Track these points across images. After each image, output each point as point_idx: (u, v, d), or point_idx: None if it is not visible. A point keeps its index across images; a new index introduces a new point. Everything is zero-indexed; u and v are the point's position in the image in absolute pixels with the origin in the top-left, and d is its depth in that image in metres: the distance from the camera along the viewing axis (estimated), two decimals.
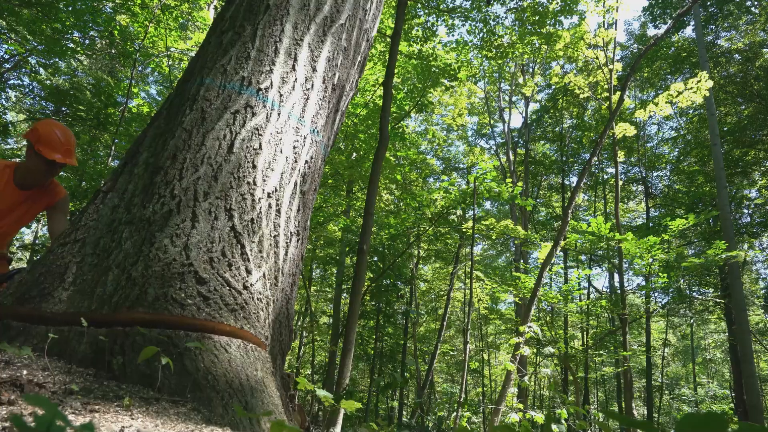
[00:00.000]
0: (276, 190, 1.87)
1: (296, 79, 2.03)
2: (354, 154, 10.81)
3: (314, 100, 2.09)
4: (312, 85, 2.09)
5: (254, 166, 1.80)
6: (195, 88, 1.96)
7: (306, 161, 2.06)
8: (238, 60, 1.99)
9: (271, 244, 1.80)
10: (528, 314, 6.19)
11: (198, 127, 1.82)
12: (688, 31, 17.75)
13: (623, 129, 10.43)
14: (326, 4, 2.24)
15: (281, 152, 1.91)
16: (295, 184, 1.98)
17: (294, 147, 1.98)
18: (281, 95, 1.98)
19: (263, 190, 1.81)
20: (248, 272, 1.66)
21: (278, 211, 1.88)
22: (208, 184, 1.71)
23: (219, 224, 1.65)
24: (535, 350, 12.44)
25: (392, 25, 8.98)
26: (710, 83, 9.05)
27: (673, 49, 16.49)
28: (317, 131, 2.12)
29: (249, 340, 1.62)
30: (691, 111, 17.05)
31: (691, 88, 9.05)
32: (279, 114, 1.94)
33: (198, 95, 1.92)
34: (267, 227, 1.80)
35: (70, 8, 7.62)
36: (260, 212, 1.77)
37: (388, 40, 8.93)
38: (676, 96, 9.29)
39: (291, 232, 1.96)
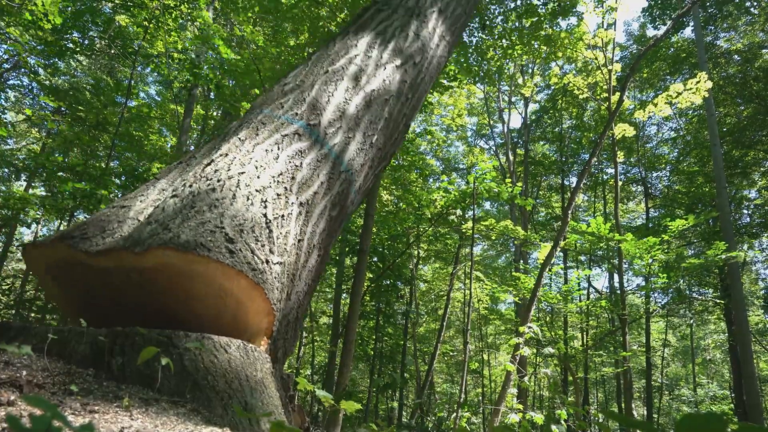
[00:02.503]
0: (308, 203, 2.09)
1: (341, 126, 2.35)
2: None
3: (353, 148, 2.40)
4: (353, 135, 2.41)
5: (293, 178, 2.04)
6: (254, 115, 2.28)
7: (338, 192, 2.29)
8: (295, 102, 2.33)
9: (294, 244, 1.93)
10: (528, 314, 6.18)
11: (251, 139, 2.10)
12: (688, 32, 17.78)
13: (623, 129, 10.42)
14: (376, 80, 2.64)
15: (318, 177, 2.16)
16: (325, 206, 2.20)
17: (330, 177, 2.23)
18: (326, 134, 2.27)
19: (297, 198, 2.02)
20: (271, 252, 1.79)
21: (306, 221, 2.07)
22: (250, 179, 1.91)
23: (253, 209, 1.82)
24: (535, 351, 12.44)
25: None
26: (709, 84, 9.05)
27: (672, 49, 16.51)
28: (352, 173, 2.37)
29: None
30: (690, 112, 17.07)
31: (690, 88, 9.05)
32: (321, 146, 2.22)
33: (255, 119, 2.23)
34: (294, 228, 1.96)
35: (69, 8, 7.61)
36: (291, 213, 1.96)
37: None
38: (675, 97, 9.29)
39: (314, 245, 2.12)
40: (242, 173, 1.91)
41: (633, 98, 18.79)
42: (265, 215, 1.83)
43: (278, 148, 2.06)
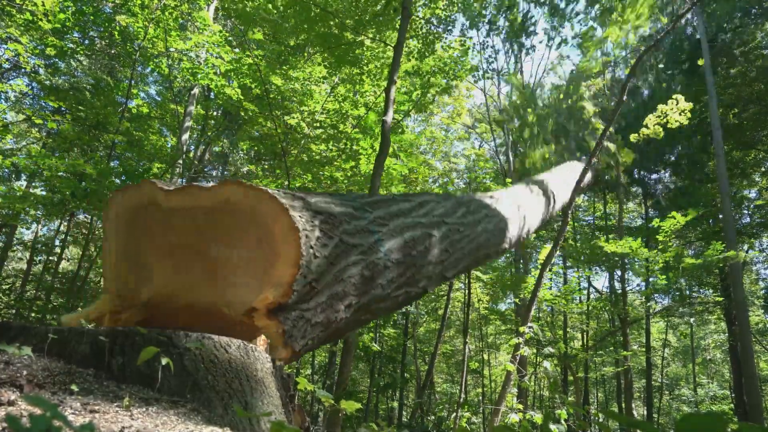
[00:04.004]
0: (346, 245, 2.40)
1: (386, 224, 2.96)
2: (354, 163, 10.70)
3: (393, 243, 2.91)
4: (395, 236, 2.95)
5: (340, 224, 2.45)
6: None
7: (374, 262, 2.68)
8: (358, 196, 3.01)
9: (326, 257, 2.19)
10: (528, 314, 6.17)
11: (309, 196, 2.66)
12: (689, 31, 17.73)
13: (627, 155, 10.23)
14: (425, 218, 3.26)
15: (359, 238, 2.58)
16: (359, 260, 2.49)
17: (370, 247, 2.67)
18: (374, 220, 2.83)
19: (341, 236, 2.36)
20: (309, 239, 2.08)
21: (342, 255, 2.32)
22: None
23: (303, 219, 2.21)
24: (535, 350, 12.44)
25: (395, 33, 8.99)
26: (689, 105, 8.94)
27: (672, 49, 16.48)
28: (389, 258, 2.81)
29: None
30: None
31: (674, 110, 8.92)
32: (368, 224, 2.74)
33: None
34: (332, 250, 2.24)
35: (69, 8, 7.61)
36: (332, 238, 2.29)
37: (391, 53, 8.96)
38: (663, 118, 9.17)
39: (342, 279, 2.38)
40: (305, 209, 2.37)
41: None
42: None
43: (333, 206, 2.53)
